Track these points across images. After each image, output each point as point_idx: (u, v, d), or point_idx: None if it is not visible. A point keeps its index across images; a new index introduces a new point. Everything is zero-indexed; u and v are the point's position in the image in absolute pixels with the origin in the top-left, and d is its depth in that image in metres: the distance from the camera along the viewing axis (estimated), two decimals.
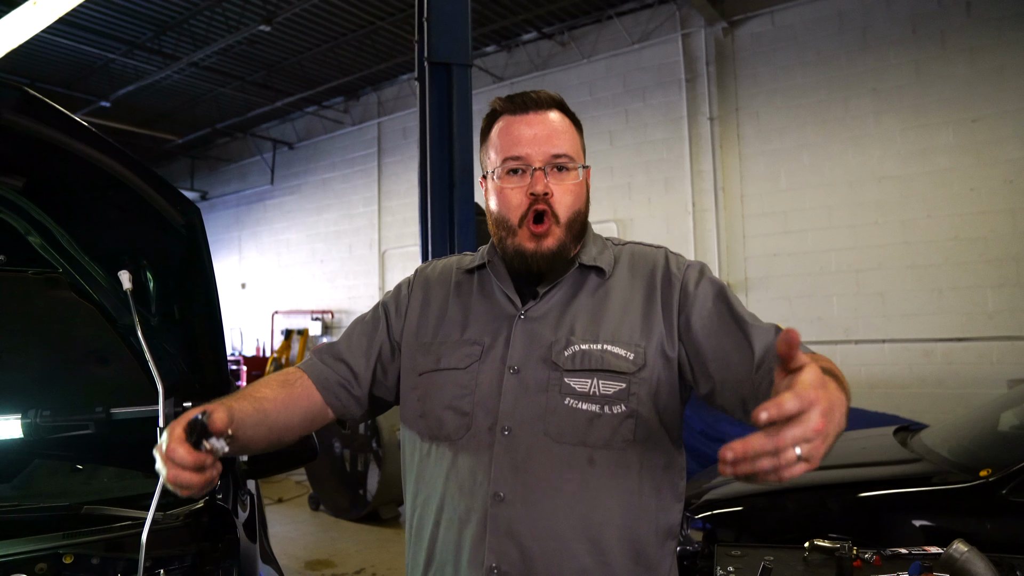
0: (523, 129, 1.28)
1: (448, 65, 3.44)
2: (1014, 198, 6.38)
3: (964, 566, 1.53)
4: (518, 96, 1.32)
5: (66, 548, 1.67)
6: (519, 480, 1.20)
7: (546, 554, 1.17)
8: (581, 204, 1.32)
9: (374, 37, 9.42)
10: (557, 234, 1.27)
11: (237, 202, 13.82)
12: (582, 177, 1.32)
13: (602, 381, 1.22)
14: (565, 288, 1.32)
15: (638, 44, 8.58)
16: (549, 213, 1.26)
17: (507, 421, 1.22)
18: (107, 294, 1.59)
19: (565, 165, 1.28)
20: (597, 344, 1.24)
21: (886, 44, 7.05)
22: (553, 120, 1.30)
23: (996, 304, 6.43)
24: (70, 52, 9.43)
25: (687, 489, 3.79)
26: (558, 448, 1.20)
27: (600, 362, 1.23)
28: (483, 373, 1.27)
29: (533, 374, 1.24)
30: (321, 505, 6.92)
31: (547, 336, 1.26)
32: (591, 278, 1.33)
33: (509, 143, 1.28)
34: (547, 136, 1.28)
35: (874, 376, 6.97)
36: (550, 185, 1.26)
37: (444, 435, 1.27)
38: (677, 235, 8.22)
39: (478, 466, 1.22)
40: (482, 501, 1.20)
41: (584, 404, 1.21)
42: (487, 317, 1.33)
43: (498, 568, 1.18)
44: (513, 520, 1.18)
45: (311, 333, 11.99)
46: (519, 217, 1.27)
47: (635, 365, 1.23)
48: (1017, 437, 3.50)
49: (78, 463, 2.09)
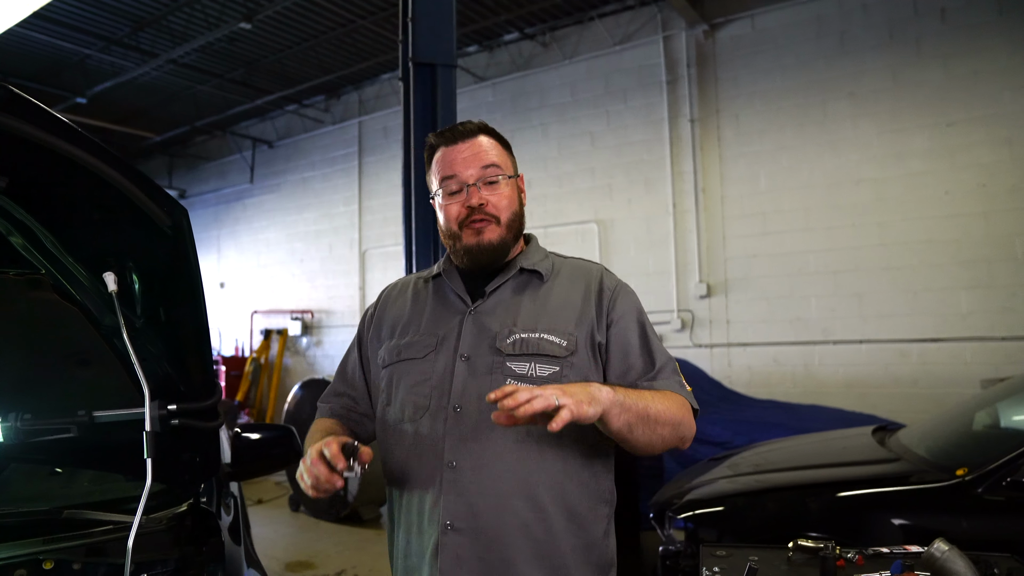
0: (455, 155, 1.53)
1: (432, 65, 3.43)
2: (986, 201, 6.49)
3: (945, 565, 1.56)
4: (448, 130, 1.60)
5: (46, 554, 1.65)
6: (468, 450, 1.41)
7: (492, 510, 1.38)
8: (516, 206, 1.58)
9: (355, 36, 9.37)
10: (496, 230, 1.52)
11: (216, 200, 13.67)
12: (512, 185, 1.57)
13: (539, 364, 1.44)
14: (509, 288, 1.56)
15: (619, 46, 8.62)
16: (487, 216, 1.51)
17: (457, 401, 1.44)
18: (91, 296, 1.57)
19: (494, 177, 1.53)
20: (535, 333, 1.47)
21: (863, 49, 7.14)
22: (481, 142, 1.56)
23: (969, 305, 6.54)
24: (44, 47, 9.27)
25: (669, 489, 3.82)
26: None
27: (537, 347, 1.45)
28: (439, 361, 1.49)
29: (481, 360, 1.46)
30: (301, 506, 6.88)
31: (492, 327, 1.49)
32: (532, 280, 1.57)
33: (445, 167, 1.54)
34: (475, 156, 1.53)
35: (851, 376, 7.06)
36: (484, 196, 1.51)
37: (407, 417, 1.49)
38: (657, 236, 8.27)
39: (434, 439, 1.43)
40: (439, 470, 1.42)
41: (522, 384, 1.39)
42: (442, 315, 1.57)
43: (452, 524, 1.39)
44: (464, 484, 1.39)
45: (290, 333, 11.89)
46: (459, 223, 1.52)
47: (567, 351, 1.45)
48: (990, 436, 3.56)
49: (57, 466, 2.06)
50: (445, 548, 1.38)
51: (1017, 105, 6.38)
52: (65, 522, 1.79)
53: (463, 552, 1.38)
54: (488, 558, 1.38)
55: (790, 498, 3.21)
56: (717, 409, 6.16)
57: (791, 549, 1.81)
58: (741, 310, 7.73)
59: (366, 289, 11.08)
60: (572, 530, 1.42)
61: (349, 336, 10.36)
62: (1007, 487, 2.78)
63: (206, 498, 1.97)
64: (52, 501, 1.90)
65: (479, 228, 1.50)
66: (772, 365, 7.50)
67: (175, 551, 1.76)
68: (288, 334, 11.96)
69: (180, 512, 1.83)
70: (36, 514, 1.80)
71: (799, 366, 7.35)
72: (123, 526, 1.78)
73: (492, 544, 1.38)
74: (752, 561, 1.72)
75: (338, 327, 11.43)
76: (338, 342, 11.40)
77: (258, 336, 12.29)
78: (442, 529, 1.38)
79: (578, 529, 1.43)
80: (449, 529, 1.38)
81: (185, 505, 1.86)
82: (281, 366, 11.93)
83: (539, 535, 1.39)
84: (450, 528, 1.38)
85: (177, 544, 1.79)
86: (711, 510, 3.33)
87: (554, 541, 1.40)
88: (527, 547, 1.38)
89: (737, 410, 6.19)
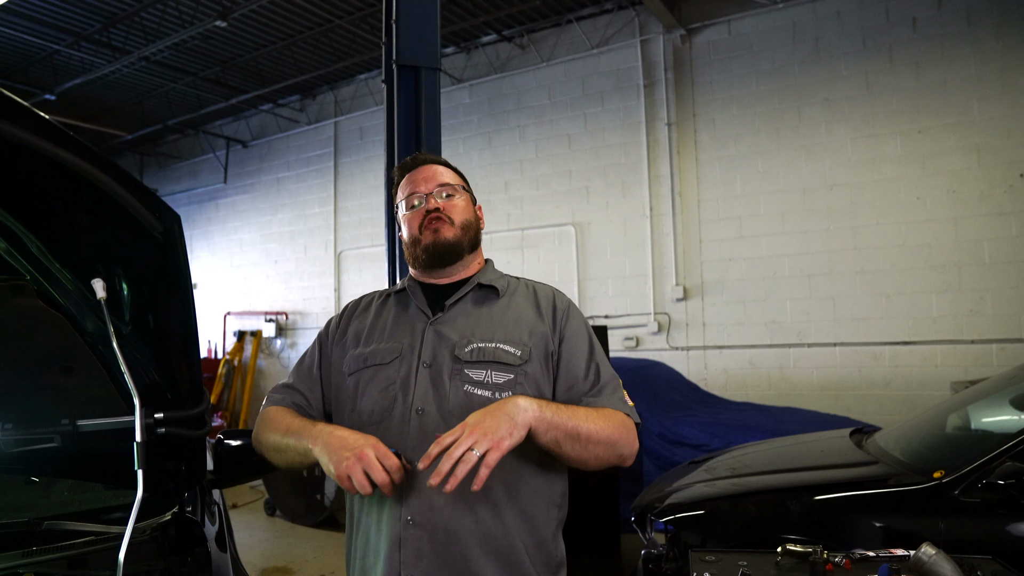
0: (416, 176, 1.74)
1: (416, 68, 3.41)
2: (956, 207, 6.64)
3: (932, 568, 1.58)
4: (409, 159, 1.81)
5: (26, 566, 1.60)
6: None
7: (450, 507, 1.45)
8: (470, 215, 1.74)
9: (331, 36, 9.30)
10: (452, 230, 1.67)
11: (188, 200, 13.46)
12: (466, 199, 1.74)
13: (495, 372, 1.54)
14: (468, 302, 1.67)
15: (597, 49, 8.66)
16: (443, 216, 1.67)
17: (420, 404, 1.53)
18: (76, 302, 1.53)
19: (449, 192, 1.71)
20: (492, 343, 1.57)
21: (837, 55, 7.26)
22: (438, 168, 1.76)
23: (940, 309, 6.68)
24: (12, 42, 9.05)
25: (650, 493, 3.84)
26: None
27: (493, 356, 1.55)
28: (402, 368, 1.58)
29: (442, 367, 1.56)
30: (277, 511, 6.79)
31: (452, 337, 1.59)
32: (490, 296, 1.69)
33: (408, 186, 1.74)
34: (433, 175, 1.73)
35: (825, 378, 7.17)
36: (440, 203, 1.68)
37: (371, 420, 1.56)
38: (634, 239, 8.32)
39: (400, 441, 1.50)
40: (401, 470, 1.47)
41: (479, 390, 1.52)
42: (405, 326, 1.67)
43: (412, 519, 1.46)
44: (424, 483, 1.42)
45: (264, 335, 11.75)
46: (419, 226, 1.68)
47: (521, 360, 1.55)
48: (964, 439, 3.63)
49: (36, 475, 2.00)
50: (406, 543, 1.46)
51: (985, 113, 6.54)
52: (45, 533, 1.74)
53: (423, 545, 1.45)
54: (446, 552, 1.46)
55: (771, 501, 3.24)
56: (694, 412, 6.21)
57: (780, 553, 1.83)
58: (717, 313, 7.80)
59: (341, 291, 11.00)
60: (525, 529, 1.52)
61: None
62: (983, 489, 2.83)
63: (191, 507, 1.94)
64: (30, 512, 1.85)
65: (436, 227, 1.65)
66: (748, 367, 7.59)
67: (159, 562, 1.73)
68: (262, 336, 11.82)
69: (164, 521, 1.79)
70: (14, 526, 1.75)
71: (774, 368, 7.44)
72: (105, 537, 1.74)
73: (450, 538, 1.45)
74: (743, 566, 1.73)
75: (313, 329, 11.32)
76: None
77: (231, 338, 12.12)
78: (403, 524, 1.46)
79: (531, 528, 1.53)
80: (410, 523, 1.45)
81: (169, 514, 1.82)
82: (255, 368, 11.78)
83: (494, 533, 1.48)
84: (411, 523, 1.45)
85: (161, 554, 1.75)
86: (693, 513, 3.35)
87: (508, 538, 1.49)
88: (483, 543, 1.47)
89: (714, 412, 6.24)
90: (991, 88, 6.53)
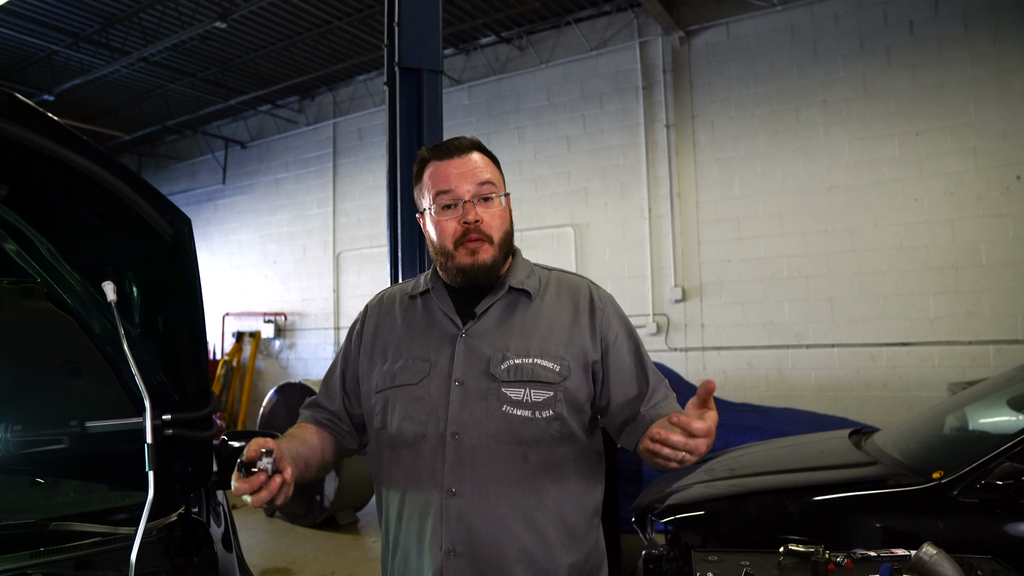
0: (450, 170, 1.52)
1: (418, 70, 3.42)
2: (953, 209, 6.67)
3: (933, 568, 1.60)
4: (443, 144, 1.58)
5: (34, 567, 1.61)
6: (467, 476, 1.43)
7: (492, 534, 1.40)
8: (508, 226, 1.58)
9: (331, 37, 9.30)
10: (490, 251, 1.51)
11: (187, 201, 13.44)
12: (505, 204, 1.57)
13: (533, 390, 1.46)
14: (499, 309, 1.55)
15: (596, 51, 8.68)
16: (481, 236, 1.50)
17: (454, 426, 1.45)
18: (85, 304, 1.54)
19: (489, 194, 1.53)
20: (529, 358, 1.48)
21: (835, 58, 7.29)
22: (474, 158, 1.55)
23: (937, 310, 6.70)
24: (10, 42, 9.05)
25: (649, 493, 3.85)
26: (498, 447, 1.44)
27: (531, 374, 1.47)
28: (432, 386, 1.49)
29: (475, 385, 1.47)
30: (276, 511, 6.80)
31: (486, 352, 1.49)
32: (521, 300, 1.57)
33: (439, 181, 1.52)
34: (471, 171, 1.52)
35: (823, 379, 7.19)
36: (479, 213, 1.50)
37: (402, 442, 1.50)
38: (633, 240, 8.34)
39: (433, 466, 1.45)
40: (438, 495, 1.43)
41: (518, 410, 1.45)
42: (433, 337, 1.55)
43: (453, 549, 1.41)
44: (464, 509, 1.41)
45: (263, 336, 11.75)
46: (454, 242, 1.50)
47: (561, 376, 1.47)
48: (962, 440, 3.66)
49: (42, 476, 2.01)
50: (448, 572, 1.41)
51: (982, 116, 6.57)
52: (52, 534, 1.75)
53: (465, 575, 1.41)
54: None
55: (771, 502, 3.25)
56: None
57: (782, 554, 1.84)
58: (715, 314, 7.82)
59: (340, 292, 11.00)
60: (569, 546, 1.47)
61: (323, 339, 10.18)
62: (981, 489, 2.85)
63: (196, 508, 1.95)
64: (37, 513, 1.86)
65: (474, 248, 1.49)
66: (746, 368, 7.61)
67: (166, 562, 1.74)
68: (261, 337, 11.81)
69: (171, 522, 1.80)
70: (22, 527, 1.76)
71: (772, 369, 7.47)
72: (112, 538, 1.75)
73: (492, 568, 1.41)
74: (746, 566, 1.75)
75: (312, 330, 11.33)
76: (311, 345, 11.30)
77: (230, 339, 12.11)
78: (444, 554, 1.41)
79: (575, 544, 1.48)
80: (452, 555, 1.41)
81: (175, 515, 1.83)
82: (253, 369, 11.78)
83: (538, 556, 1.43)
84: (452, 553, 1.41)
85: (168, 555, 1.76)
86: (693, 514, 3.36)
87: (553, 560, 1.44)
88: (526, 569, 1.42)
89: None
90: (987, 91, 6.56)
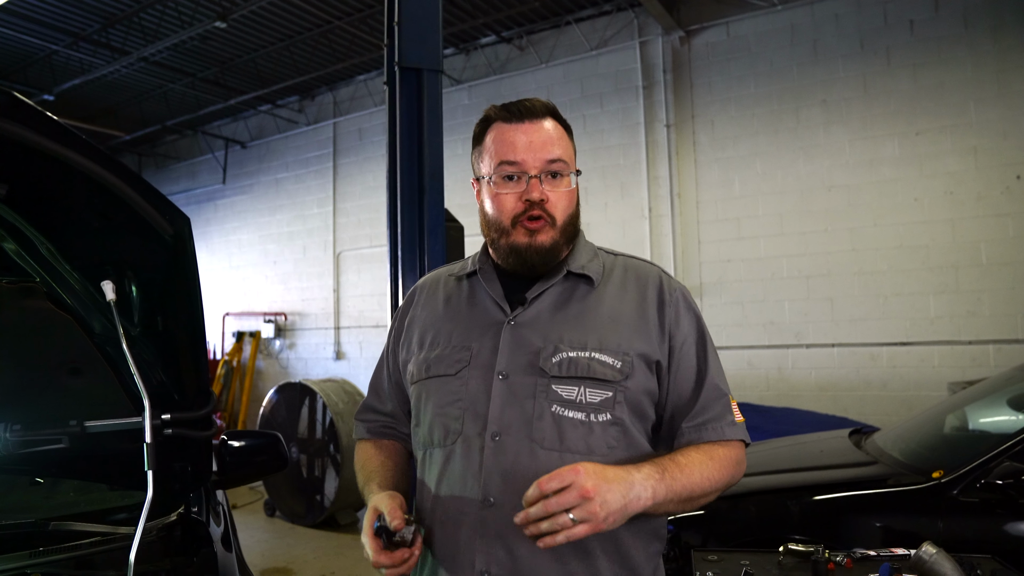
0: (518, 136, 1.31)
1: (419, 70, 3.43)
2: (953, 209, 6.66)
3: (933, 567, 1.60)
4: (513, 104, 1.35)
5: (33, 567, 1.61)
6: (508, 485, 1.22)
7: (534, 557, 1.20)
8: (574, 208, 1.37)
9: (331, 37, 9.30)
10: (551, 233, 1.31)
11: (187, 201, 13.44)
12: (575, 183, 1.36)
13: (589, 389, 1.24)
14: (553, 295, 1.34)
15: (596, 51, 8.67)
16: (545, 216, 1.30)
17: (495, 427, 1.24)
18: (85, 303, 1.54)
19: (560, 171, 1.32)
20: (585, 352, 1.26)
21: (835, 57, 7.28)
22: (547, 128, 1.33)
23: (937, 310, 6.70)
24: (9, 42, 9.05)
25: None
26: (545, 454, 1.22)
27: (587, 370, 1.25)
28: (472, 379, 1.29)
29: (521, 380, 1.26)
30: (277, 511, 6.80)
31: (535, 342, 1.28)
32: (580, 286, 1.35)
33: (504, 149, 1.31)
34: (542, 143, 1.31)
35: (823, 379, 7.19)
36: (545, 191, 1.30)
37: (437, 441, 1.31)
38: (633, 240, 8.33)
39: (469, 471, 1.25)
40: (473, 505, 1.23)
41: (570, 412, 1.24)
42: (476, 323, 1.35)
43: (488, 571, 1.21)
44: (502, 524, 1.20)
45: (263, 335, 11.75)
46: (512, 219, 1.31)
47: (622, 374, 1.25)
48: (962, 439, 3.66)
49: (41, 476, 2.01)
50: None
51: (982, 116, 6.56)
52: (52, 534, 1.75)
53: None
54: None
55: (771, 501, 3.25)
56: None
57: (782, 553, 1.84)
58: (716, 314, 7.81)
59: (340, 292, 11.00)
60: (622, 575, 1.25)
61: (323, 339, 10.19)
62: (981, 488, 2.85)
63: (196, 507, 1.95)
64: (36, 512, 1.86)
65: (533, 228, 1.30)
66: (746, 368, 7.60)
67: (165, 562, 1.74)
68: (261, 336, 11.81)
69: (170, 522, 1.80)
70: (21, 526, 1.76)
71: (773, 369, 7.46)
72: (112, 537, 1.75)
73: None
74: (745, 565, 1.75)
75: (312, 329, 11.33)
76: (311, 345, 11.29)
77: (230, 339, 12.12)
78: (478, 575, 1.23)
79: (628, 574, 1.26)
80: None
81: (175, 515, 1.83)
82: (254, 369, 11.78)
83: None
84: (486, 575, 1.22)
85: (167, 554, 1.76)
86: (693, 513, 3.36)
87: None
88: None
89: None
90: (987, 90, 6.55)
